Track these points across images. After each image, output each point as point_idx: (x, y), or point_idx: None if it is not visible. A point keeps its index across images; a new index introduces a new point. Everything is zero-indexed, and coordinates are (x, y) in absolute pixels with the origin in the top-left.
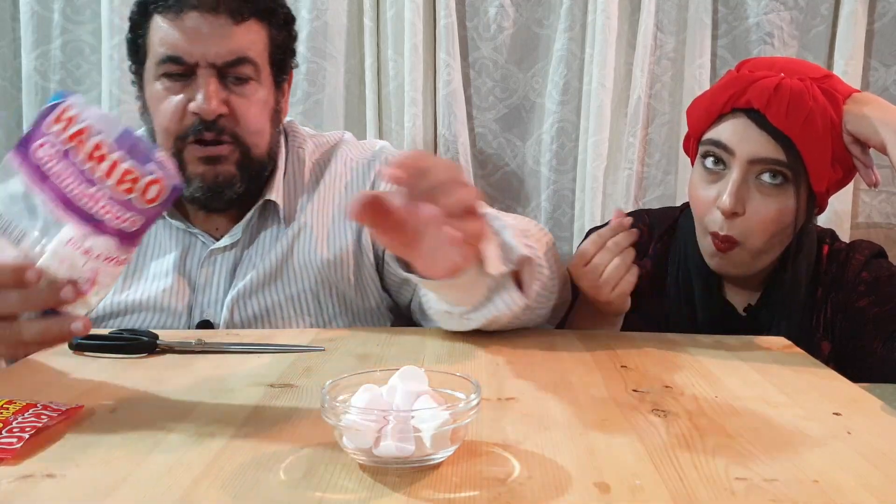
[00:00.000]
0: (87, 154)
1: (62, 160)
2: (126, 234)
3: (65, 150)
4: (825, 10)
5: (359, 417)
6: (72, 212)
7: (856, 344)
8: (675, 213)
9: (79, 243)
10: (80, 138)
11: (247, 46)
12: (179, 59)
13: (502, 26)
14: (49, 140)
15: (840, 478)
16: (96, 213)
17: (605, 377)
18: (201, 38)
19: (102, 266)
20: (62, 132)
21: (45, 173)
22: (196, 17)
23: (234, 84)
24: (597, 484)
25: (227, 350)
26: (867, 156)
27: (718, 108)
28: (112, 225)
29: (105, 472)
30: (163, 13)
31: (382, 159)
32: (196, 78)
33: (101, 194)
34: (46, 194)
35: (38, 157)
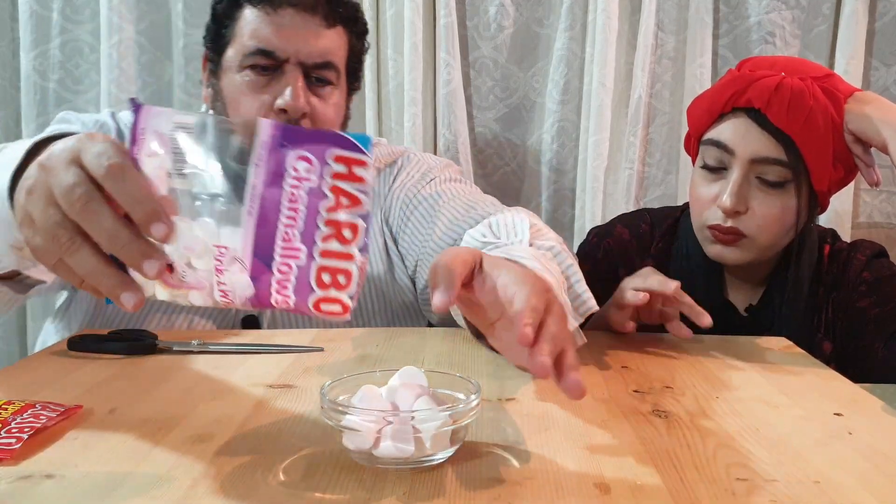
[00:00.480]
0: (336, 224)
1: (308, 198)
2: (263, 301)
3: (322, 192)
4: (826, 9)
5: (358, 418)
6: (256, 241)
7: (857, 344)
8: (677, 213)
9: (225, 258)
10: (345, 201)
11: (333, 51)
12: (271, 53)
13: (502, 25)
14: (317, 167)
15: (841, 478)
16: (275, 263)
17: (605, 378)
18: (295, 36)
19: (207, 288)
20: (337, 178)
21: (279, 185)
22: (292, 13)
23: (316, 86)
24: (597, 484)
25: (227, 350)
26: (868, 155)
27: (719, 108)
28: (269, 287)
29: (104, 472)
30: (257, 5)
31: (407, 159)
32: (282, 74)
33: (300, 256)
34: (258, 202)
35: (291, 166)
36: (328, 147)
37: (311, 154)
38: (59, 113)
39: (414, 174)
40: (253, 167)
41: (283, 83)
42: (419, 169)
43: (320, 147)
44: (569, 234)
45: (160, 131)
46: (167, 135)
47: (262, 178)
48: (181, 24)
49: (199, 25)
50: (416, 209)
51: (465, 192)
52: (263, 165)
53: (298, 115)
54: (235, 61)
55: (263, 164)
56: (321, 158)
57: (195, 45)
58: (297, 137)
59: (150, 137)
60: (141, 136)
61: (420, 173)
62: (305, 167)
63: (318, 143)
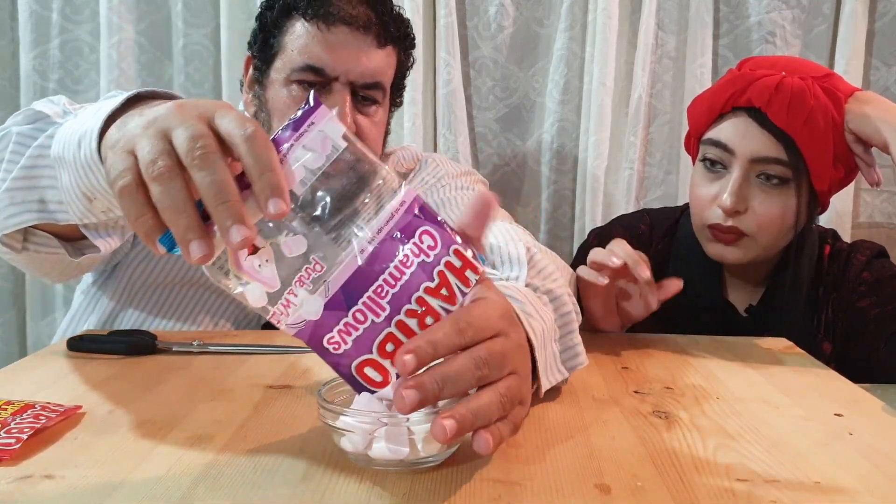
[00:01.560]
0: (426, 306)
1: (417, 269)
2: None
3: (431, 273)
4: (827, 9)
5: (354, 420)
6: (356, 278)
7: (857, 344)
8: (677, 214)
9: (314, 274)
10: (444, 292)
11: (383, 71)
12: (322, 70)
13: (502, 25)
14: (438, 250)
15: (841, 478)
16: (352, 314)
17: (606, 378)
18: (347, 55)
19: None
20: (449, 268)
21: (401, 244)
22: (346, 32)
23: (363, 104)
24: (597, 485)
25: (227, 351)
26: (869, 155)
27: (719, 107)
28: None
29: (104, 472)
30: (310, 20)
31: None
32: (330, 92)
33: (377, 320)
34: (374, 246)
35: (419, 234)
36: (455, 241)
37: (438, 236)
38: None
39: (428, 179)
40: (387, 214)
41: (331, 102)
42: (435, 174)
43: (448, 236)
44: (568, 234)
45: (327, 134)
46: (331, 139)
47: (390, 227)
48: (181, 24)
49: (199, 26)
50: None
51: (469, 199)
52: (397, 218)
53: None
54: (283, 74)
55: (397, 217)
56: (445, 244)
57: (195, 46)
58: (432, 216)
59: (315, 135)
60: (307, 128)
61: (435, 178)
62: (429, 243)
63: (448, 232)
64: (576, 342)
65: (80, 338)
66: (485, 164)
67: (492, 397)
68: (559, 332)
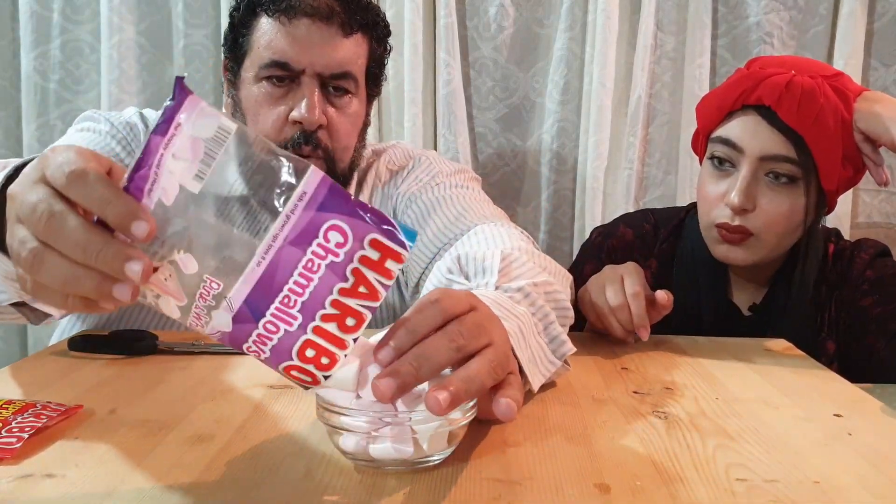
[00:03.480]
0: (344, 308)
1: (326, 272)
2: (235, 342)
3: (343, 273)
4: (824, 9)
5: (354, 419)
6: (253, 293)
7: (859, 343)
8: (681, 214)
9: (213, 291)
10: (363, 290)
11: (352, 60)
12: (286, 64)
13: (502, 26)
14: (349, 245)
15: (841, 479)
16: (262, 323)
17: (605, 379)
18: (311, 47)
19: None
20: (365, 263)
21: (302, 248)
22: (308, 24)
23: (334, 96)
24: (597, 485)
25: (227, 351)
26: (878, 154)
27: (729, 105)
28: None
29: (105, 472)
30: (273, 15)
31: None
32: (299, 85)
33: (292, 325)
34: (272, 256)
35: (324, 232)
36: (370, 230)
37: (348, 229)
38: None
39: (422, 178)
40: (283, 217)
41: (300, 95)
42: (428, 173)
43: (363, 227)
44: (568, 234)
45: (197, 135)
46: (203, 139)
47: (286, 233)
48: (181, 24)
49: (200, 26)
50: (412, 212)
51: (464, 198)
52: (294, 220)
53: (314, 128)
54: (252, 72)
55: (294, 219)
56: (358, 238)
57: (195, 46)
58: (341, 204)
59: (185, 136)
60: (175, 129)
61: (429, 177)
62: (338, 240)
63: (361, 221)
64: (557, 332)
65: (80, 338)
66: (485, 164)
67: (480, 363)
68: (540, 325)
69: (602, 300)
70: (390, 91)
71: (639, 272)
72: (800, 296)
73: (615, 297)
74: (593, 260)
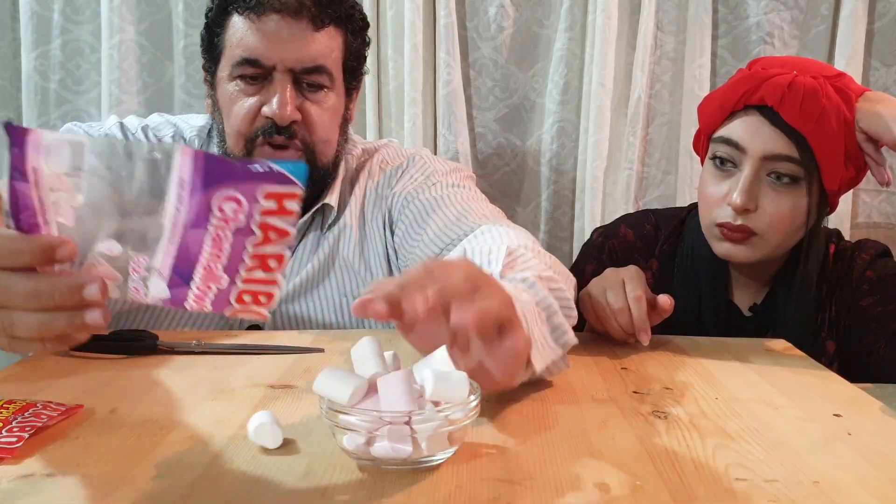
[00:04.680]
0: (262, 257)
1: (235, 237)
2: (177, 303)
3: (250, 230)
4: (825, 9)
5: (356, 419)
6: (176, 261)
7: (859, 343)
8: (682, 214)
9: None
10: (273, 236)
11: (325, 54)
12: (257, 61)
13: (502, 26)
14: (245, 208)
15: (840, 479)
16: (195, 283)
17: (605, 379)
18: (281, 42)
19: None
20: (267, 215)
21: (203, 227)
22: (277, 20)
23: (309, 91)
24: (597, 485)
25: (228, 350)
26: (879, 154)
27: (731, 106)
28: (186, 295)
29: (105, 472)
30: (243, 13)
31: (412, 161)
32: (272, 82)
33: (222, 283)
34: (178, 242)
35: (217, 206)
36: (259, 184)
37: (240, 195)
38: (65, 124)
39: (417, 177)
40: (173, 211)
41: (272, 91)
42: (423, 172)
43: (251, 185)
44: (568, 234)
45: (58, 167)
46: (65, 165)
47: (182, 221)
48: (181, 24)
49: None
50: (410, 212)
51: (462, 198)
52: (184, 209)
53: (286, 124)
54: (226, 71)
55: (184, 208)
56: (251, 197)
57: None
58: (222, 173)
59: (47, 174)
60: (35, 174)
61: (424, 176)
62: (233, 208)
63: (247, 181)
64: (560, 321)
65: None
66: (485, 164)
67: (418, 271)
68: (544, 314)
69: (603, 303)
70: (390, 91)
71: (640, 276)
72: (801, 296)
73: (616, 301)
74: (594, 260)
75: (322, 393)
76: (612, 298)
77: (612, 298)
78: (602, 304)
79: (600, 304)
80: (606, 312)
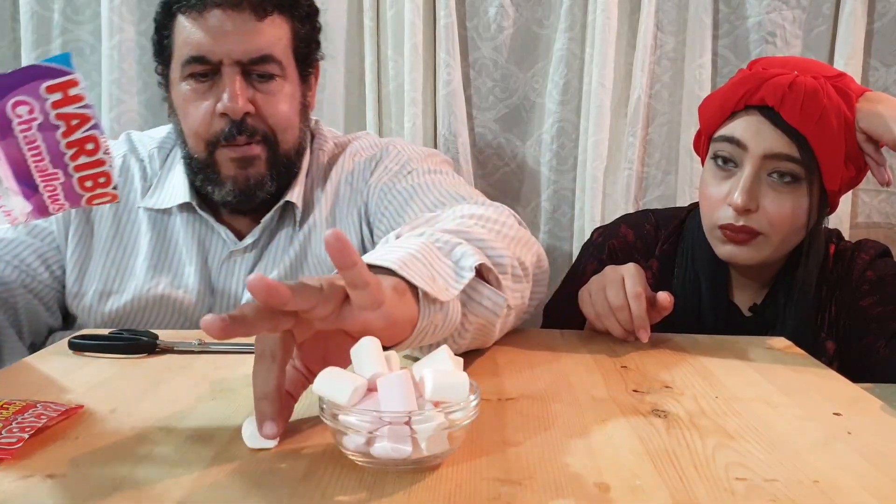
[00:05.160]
0: (77, 142)
1: (43, 133)
2: (42, 211)
3: (52, 124)
4: (827, 9)
5: (356, 419)
6: (15, 173)
7: (859, 343)
8: (682, 214)
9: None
10: (75, 122)
11: (271, 43)
12: (203, 58)
13: (502, 26)
14: (36, 105)
15: (840, 478)
16: (40, 187)
17: (605, 377)
18: (225, 36)
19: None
20: (58, 106)
21: (11, 135)
22: (219, 14)
23: (259, 81)
24: (597, 484)
25: (227, 350)
26: (880, 154)
27: (732, 105)
28: (43, 201)
29: (105, 472)
30: (186, 12)
31: (386, 151)
32: (221, 77)
33: (58, 177)
34: (1, 150)
35: (12, 113)
36: (36, 83)
37: (25, 96)
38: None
39: (392, 167)
40: None
41: (222, 86)
42: (398, 161)
43: (29, 87)
44: (568, 234)
45: None
46: None
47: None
48: None
49: None
50: (390, 204)
51: (439, 184)
52: None
53: (239, 116)
54: (177, 72)
55: None
56: (36, 96)
57: None
58: (3, 86)
59: None
60: None
61: (399, 165)
62: (26, 110)
63: (25, 83)
64: (462, 253)
65: (81, 337)
66: (485, 165)
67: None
68: (439, 253)
69: (602, 300)
70: (390, 91)
71: (640, 273)
72: (801, 296)
73: (616, 298)
74: (594, 260)
75: (322, 393)
76: (612, 296)
77: (612, 296)
78: (601, 301)
79: (599, 302)
80: (606, 310)
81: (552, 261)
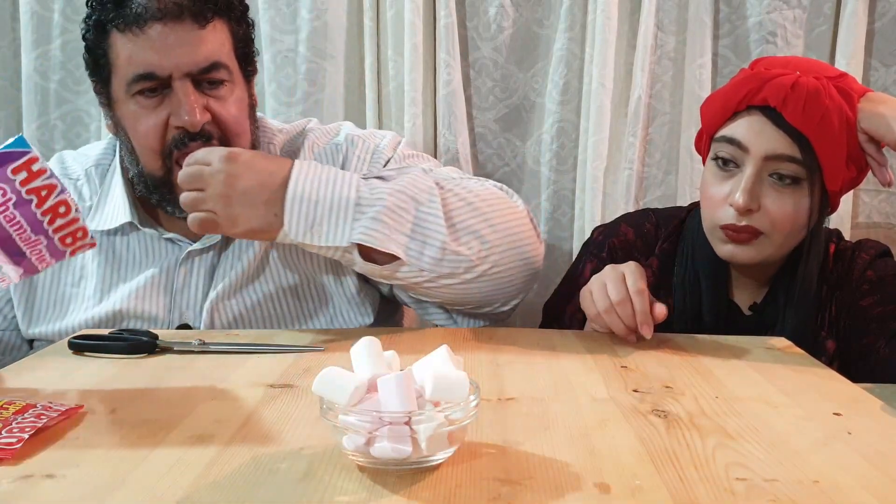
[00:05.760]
0: (51, 209)
1: (19, 209)
2: (32, 270)
3: (25, 199)
4: (828, 9)
5: (356, 419)
6: (3, 248)
7: (859, 343)
8: (682, 213)
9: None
10: (45, 193)
11: (217, 49)
12: (152, 74)
13: (502, 26)
14: (7, 187)
15: (840, 478)
16: (27, 253)
17: (605, 377)
18: (170, 50)
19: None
20: (26, 183)
21: None
22: (159, 27)
23: (210, 88)
24: (597, 484)
25: (227, 350)
26: (881, 154)
27: (734, 106)
28: (32, 262)
29: (105, 472)
30: (123, 29)
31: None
32: (172, 90)
33: (41, 241)
34: None
35: None
36: (2, 169)
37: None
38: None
39: (365, 157)
40: None
41: (175, 101)
42: (367, 150)
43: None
44: (568, 234)
45: None
46: None
47: None
48: None
49: None
50: None
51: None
52: None
53: (198, 129)
54: (122, 91)
55: None
56: (5, 180)
57: None
58: None
59: None
60: None
61: (370, 155)
62: (1, 192)
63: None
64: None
65: (80, 338)
66: (485, 165)
67: None
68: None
69: (604, 297)
70: (390, 92)
71: (641, 271)
72: (801, 296)
73: (617, 293)
74: (594, 259)
75: (322, 393)
76: (614, 291)
77: (614, 291)
78: (602, 298)
79: (601, 298)
80: (607, 306)
81: (552, 261)
